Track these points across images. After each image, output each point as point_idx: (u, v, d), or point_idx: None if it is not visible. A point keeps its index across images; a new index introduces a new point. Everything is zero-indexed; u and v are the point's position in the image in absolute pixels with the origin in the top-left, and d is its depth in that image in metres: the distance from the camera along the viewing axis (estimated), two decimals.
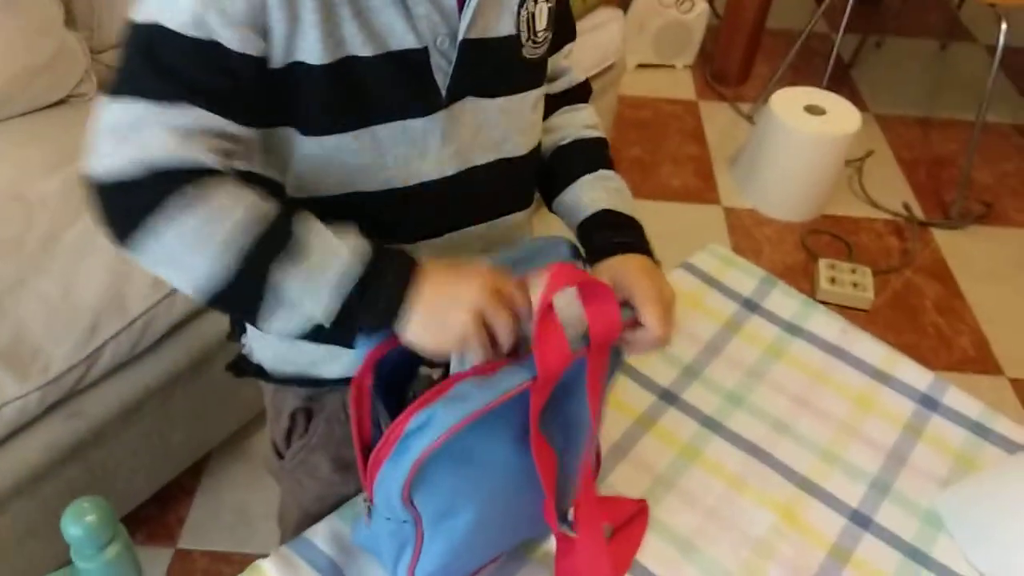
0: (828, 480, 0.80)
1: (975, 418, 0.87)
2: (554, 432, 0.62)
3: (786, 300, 0.98)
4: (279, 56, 0.59)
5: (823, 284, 1.90)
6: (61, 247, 1.15)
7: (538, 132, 0.76)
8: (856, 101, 2.20)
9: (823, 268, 1.94)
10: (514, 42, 0.69)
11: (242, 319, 0.60)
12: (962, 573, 0.73)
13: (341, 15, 0.60)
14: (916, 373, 0.91)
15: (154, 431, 1.26)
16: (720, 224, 2.11)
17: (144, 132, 0.55)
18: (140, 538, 1.36)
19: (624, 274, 0.66)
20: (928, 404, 0.88)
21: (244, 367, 0.79)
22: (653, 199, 2.16)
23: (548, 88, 0.78)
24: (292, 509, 0.83)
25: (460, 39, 0.64)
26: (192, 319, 1.23)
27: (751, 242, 2.07)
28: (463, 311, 0.55)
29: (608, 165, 0.78)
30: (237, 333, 0.81)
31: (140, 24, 0.56)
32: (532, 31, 0.70)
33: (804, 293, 1.00)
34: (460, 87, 0.66)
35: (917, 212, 2.19)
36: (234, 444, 1.47)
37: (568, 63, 0.82)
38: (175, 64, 0.56)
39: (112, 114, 0.56)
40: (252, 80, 0.58)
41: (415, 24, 0.62)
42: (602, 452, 0.78)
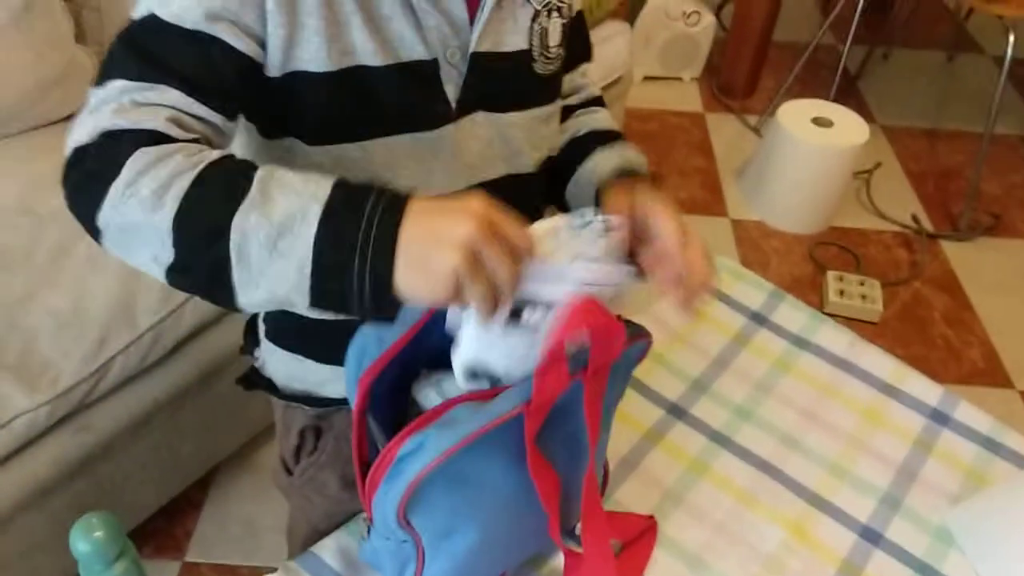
0: (838, 495, 0.79)
1: (986, 433, 0.86)
2: (557, 450, 0.61)
3: (794, 314, 0.97)
4: (277, 64, 0.59)
5: (831, 297, 1.90)
6: (70, 261, 1.16)
7: (548, 148, 0.76)
8: (863, 113, 2.20)
9: (831, 280, 1.94)
10: (526, 57, 0.68)
11: (216, 297, 0.52)
12: None
13: (351, 23, 0.59)
14: (926, 387, 0.90)
15: (162, 444, 1.26)
16: (728, 236, 2.11)
17: (111, 104, 0.53)
18: (148, 551, 1.36)
19: (644, 197, 0.61)
20: (938, 419, 0.87)
21: (255, 380, 0.79)
22: None
23: (563, 102, 0.78)
24: (301, 525, 0.82)
25: (471, 52, 0.64)
26: (201, 332, 1.23)
27: (759, 254, 2.07)
28: (450, 250, 0.47)
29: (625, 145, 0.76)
30: (250, 346, 0.81)
31: (133, 19, 0.56)
32: (544, 47, 0.69)
33: (812, 306, 1.00)
34: (470, 101, 0.66)
35: (926, 224, 2.19)
36: (242, 457, 1.47)
37: (585, 81, 0.81)
38: (160, 50, 0.55)
39: (91, 98, 0.54)
40: (239, 77, 0.57)
41: (425, 35, 0.62)
42: (610, 467, 0.78)
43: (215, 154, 0.52)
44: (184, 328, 1.19)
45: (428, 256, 0.47)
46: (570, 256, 0.53)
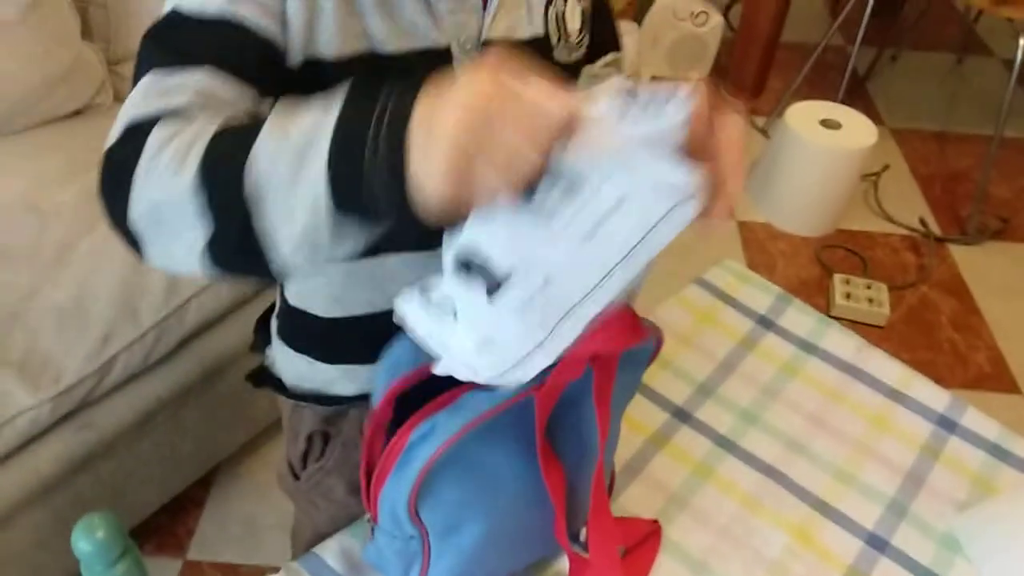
0: (843, 501, 0.78)
1: (993, 440, 0.85)
2: (565, 447, 0.61)
3: (801, 317, 0.97)
4: (298, 49, 0.57)
5: (838, 300, 1.89)
6: (75, 257, 1.15)
7: None
8: (872, 115, 2.19)
9: (838, 284, 1.93)
10: (543, 44, 0.66)
11: (255, 258, 0.47)
12: None
13: (365, 8, 0.58)
14: (933, 393, 0.89)
15: (165, 442, 1.26)
16: (734, 238, 2.10)
17: (137, 99, 0.51)
18: (149, 549, 1.36)
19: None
20: (946, 425, 0.86)
21: (264, 378, 0.79)
22: None
23: None
24: (306, 528, 0.82)
25: (484, 39, 0.62)
26: (204, 331, 1.23)
27: (765, 257, 2.06)
28: (452, 112, 0.41)
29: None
30: (260, 344, 0.80)
31: (156, 19, 0.55)
32: (564, 32, 0.67)
33: (819, 308, 0.99)
34: None
35: (933, 227, 2.18)
36: (244, 456, 1.47)
37: (608, 72, 0.80)
38: (185, 40, 0.53)
39: (126, 101, 0.53)
40: (264, 58, 0.55)
41: (438, 21, 0.60)
42: (616, 471, 0.77)
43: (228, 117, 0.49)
44: (187, 326, 1.19)
45: (431, 133, 0.41)
46: (622, 134, 0.43)
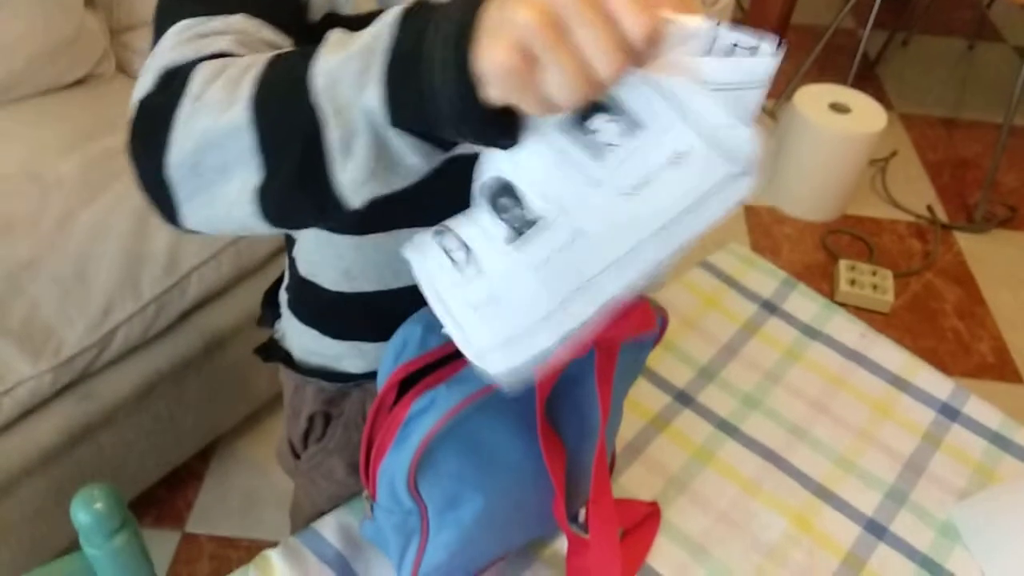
0: (843, 487, 0.78)
1: (995, 429, 0.85)
2: (566, 427, 0.61)
3: (806, 302, 0.96)
4: (319, 7, 0.55)
5: (843, 286, 1.88)
6: (76, 228, 1.15)
7: None
8: (881, 99, 2.17)
9: (843, 269, 1.92)
10: None
11: (315, 191, 0.44)
12: None
13: None
14: (936, 381, 0.89)
15: (165, 415, 1.26)
16: (739, 222, 2.09)
17: (170, 43, 0.48)
18: (148, 521, 1.37)
19: None
20: (948, 413, 0.86)
21: (273, 352, 0.79)
22: None
23: None
24: (305, 506, 0.82)
25: None
26: (205, 304, 1.23)
27: (771, 241, 2.05)
28: (529, 11, 0.37)
29: None
30: (269, 318, 0.80)
31: None
32: None
33: (823, 294, 0.99)
34: None
35: (940, 214, 2.16)
36: (244, 429, 1.47)
37: None
38: None
39: (150, 57, 0.49)
40: (296, 12, 0.53)
41: None
42: (616, 452, 0.77)
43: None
44: (189, 299, 1.19)
45: (502, 18, 0.38)
46: (703, 76, 0.39)
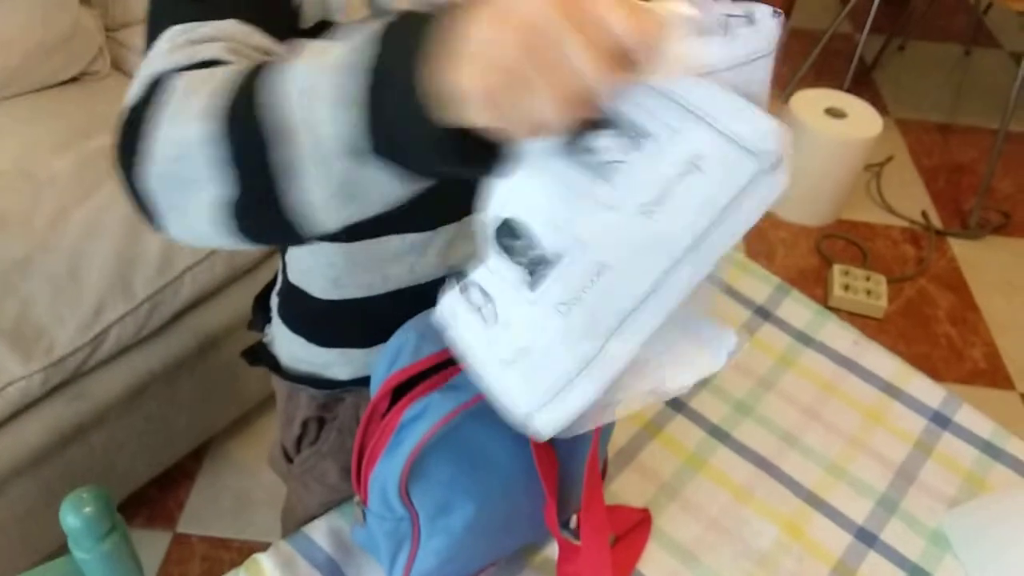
0: (835, 495, 0.78)
1: (987, 438, 0.85)
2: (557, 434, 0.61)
3: (799, 309, 0.96)
4: (311, 16, 0.55)
5: (836, 291, 1.88)
6: (69, 226, 1.14)
7: None
8: (877, 104, 2.17)
9: (837, 274, 1.92)
10: None
11: (286, 210, 0.41)
12: None
13: None
14: (928, 389, 0.89)
15: (157, 415, 1.26)
16: None
17: (162, 50, 0.47)
18: (139, 521, 1.36)
19: None
20: (939, 421, 0.86)
21: (260, 356, 0.78)
22: None
23: None
24: (296, 510, 0.82)
25: None
26: (198, 305, 1.23)
27: (765, 245, 2.05)
28: (508, 27, 0.33)
29: None
30: (259, 323, 0.80)
31: None
32: None
33: (817, 299, 0.99)
34: None
35: (935, 220, 2.17)
36: (237, 430, 1.47)
37: None
38: None
39: (143, 62, 0.49)
40: (287, 17, 0.53)
41: None
42: (608, 458, 0.77)
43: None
44: (181, 300, 1.18)
45: (478, 37, 0.34)
46: (701, 63, 0.35)
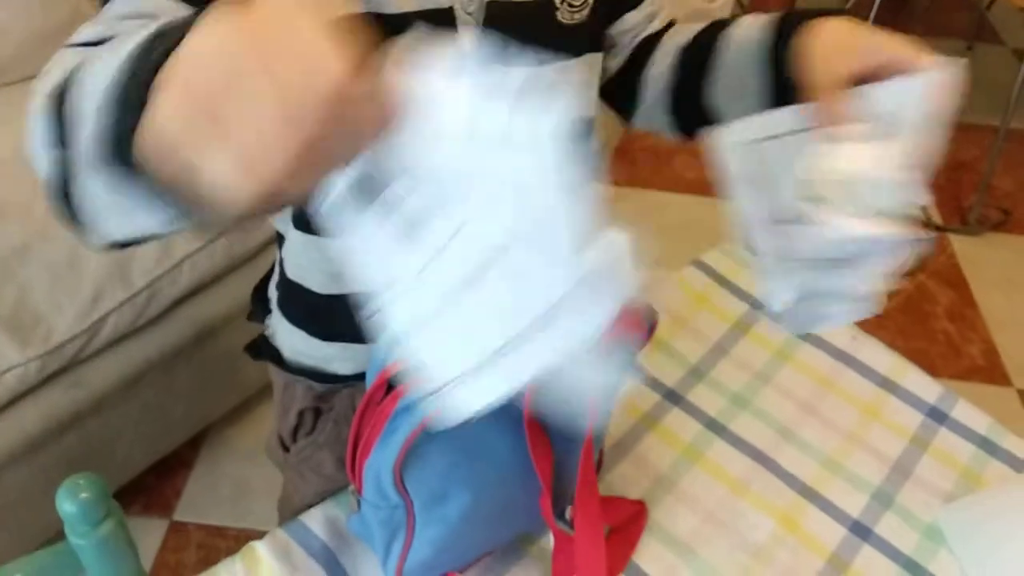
0: (830, 489, 0.78)
1: (983, 433, 0.85)
2: (553, 423, 0.60)
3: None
4: None
5: None
6: None
7: (581, 106, 0.72)
8: None
9: None
10: (547, 5, 0.64)
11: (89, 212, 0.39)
12: None
13: None
14: (925, 384, 0.89)
15: (154, 403, 1.26)
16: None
17: (106, 11, 0.46)
18: (136, 509, 1.37)
19: (855, 34, 0.61)
20: (936, 417, 0.86)
21: (263, 349, 0.78)
22: (666, 191, 2.14)
23: (628, 50, 0.78)
24: (292, 499, 0.82)
25: (486, 0, 0.61)
26: (197, 293, 1.23)
27: None
28: (189, 54, 0.29)
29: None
30: (260, 314, 0.80)
31: None
32: None
33: None
34: None
35: (935, 216, 2.17)
36: (234, 418, 1.47)
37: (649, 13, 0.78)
38: None
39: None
40: None
41: None
42: (605, 450, 0.77)
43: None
44: (180, 288, 1.18)
45: (225, 116, 0.28)
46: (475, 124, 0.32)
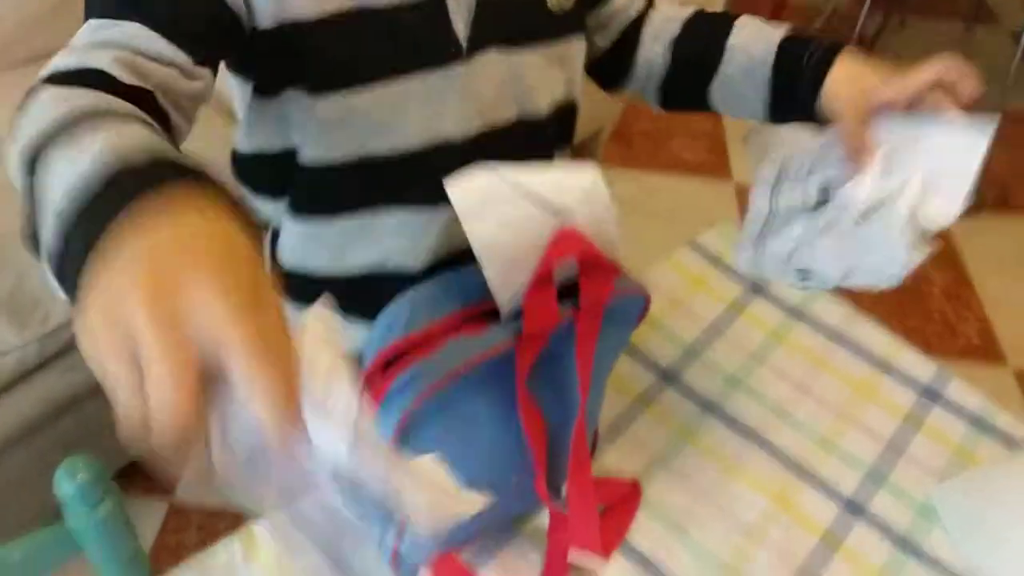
0: (824, 468, 0.79)
1: (976, 412, 0.86)
2: (548, 403, 0.61)
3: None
4: (270, 14, 0.56)
5: None
6: None
7: (566, 91, 0.73)
8: None
9: None
10: None
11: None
12: (953, 567, 0.73)
13: None
14: (919, 363, 0.90)
15: None
16: (731, 200, 2.09)
17: (74, 41, 0.50)
18: (136, 491, 1.37)
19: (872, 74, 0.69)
20: (930, 396, 0.87)
21: None
22: (664, 173, 2.13)
23: (608, 31, 0.77)
24: None
25: None
26: None
27: None
28: (98, 313, 0.30)
29: (731, 16, 0.76)
30: None
31: None
32: None
33: None
34: (481, 38, 0.63)
35: None
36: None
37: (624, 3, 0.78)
38: None
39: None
40: (215, 23, 0.54)
41: None
42: (600, 430, 0.77)
43: (103, 99, 0.44)
44: None
45: (89, 313, 0.30)
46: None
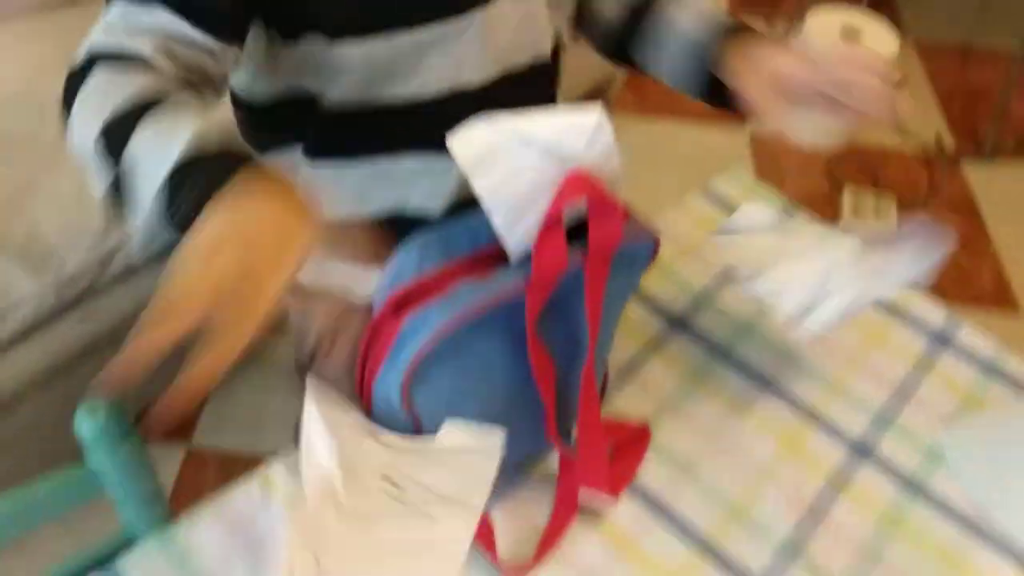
0: (832, 410, 0.80)
1: (987, 357, 0.86)
2: (556, 343, 0.61)
3: (804, 229, 0.96)
4: None
5: (846, 214, 1.87)
6: None
7: (558, 31, 0.75)
8: (897, 23, 2.11)
9: (847, 196, 1.91)
10: None
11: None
12: (958, 507, 0.73)
13: None
14: (931, 309, 0.89)
15: None
16: (744, 148, 2.07)
17: (105, 25, 0.54)
18: (153, 437, 1.40)
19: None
20: (940, 341, 0.87)
21: None
22: (678, 120, 2.11)
23: None
24: None
25: None
26: None
27: (775, 168, 2.03)
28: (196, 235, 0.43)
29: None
30: None
31: None
32: None
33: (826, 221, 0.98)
34: None
35: (949, 144, 2.13)
36: (250, 348, 1.49)
37: None
38: None
39: (99, 23, 0.56)
40: (242, 4, 0.57)
41: None
42: (610, 374, 0.78)
43: (157, 81, 0.51)
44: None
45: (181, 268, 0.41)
46: None
